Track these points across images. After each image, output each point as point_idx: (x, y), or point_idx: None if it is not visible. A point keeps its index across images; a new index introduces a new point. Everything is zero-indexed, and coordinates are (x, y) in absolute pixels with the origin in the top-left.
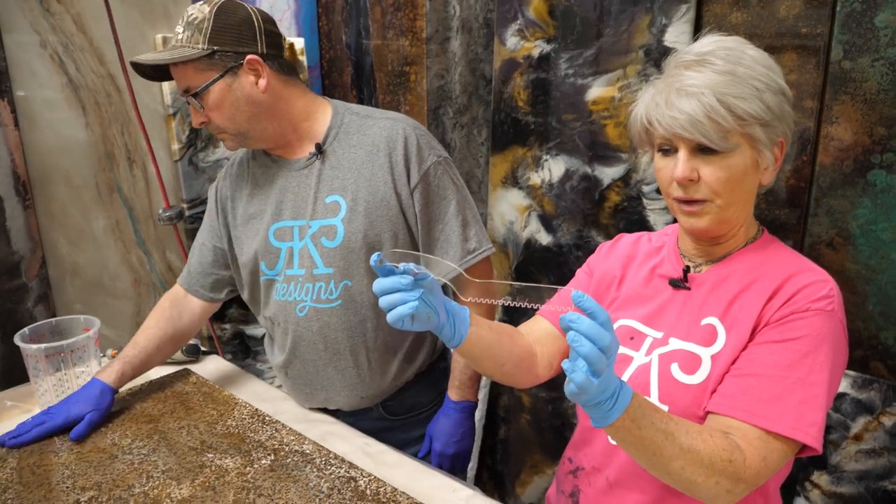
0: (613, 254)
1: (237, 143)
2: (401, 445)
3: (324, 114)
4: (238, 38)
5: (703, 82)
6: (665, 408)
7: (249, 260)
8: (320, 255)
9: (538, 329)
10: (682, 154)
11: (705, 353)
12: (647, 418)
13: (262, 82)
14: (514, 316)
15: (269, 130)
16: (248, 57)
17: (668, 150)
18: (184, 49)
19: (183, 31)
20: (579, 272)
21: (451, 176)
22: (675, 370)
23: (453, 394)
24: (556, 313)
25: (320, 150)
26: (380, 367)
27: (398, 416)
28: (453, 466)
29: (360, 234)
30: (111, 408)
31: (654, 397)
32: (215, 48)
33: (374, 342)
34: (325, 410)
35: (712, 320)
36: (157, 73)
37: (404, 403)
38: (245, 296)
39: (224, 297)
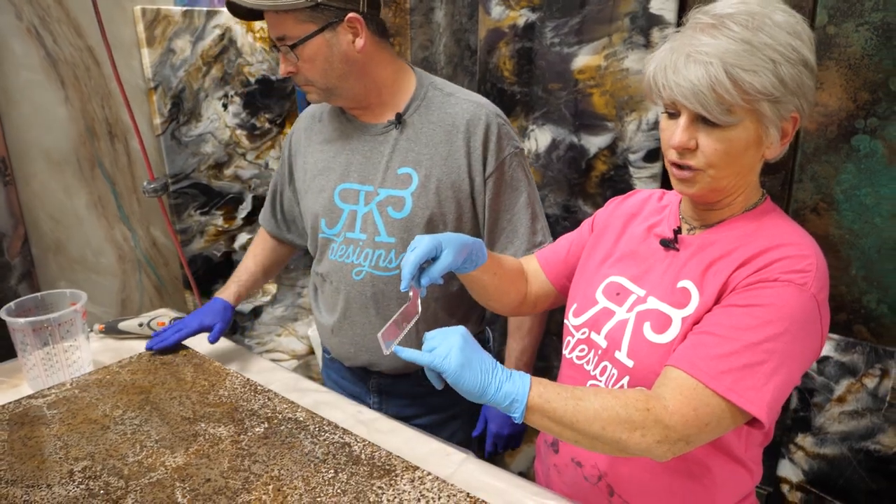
0: (620, 209)
1: (322, 97)
2: (431, 410)
3: (408, 83)
4: None
5: (715, 50)
6: (631, 363)
7: (312, 215)
8: (384, 224)
9: (530, 268)
10: (683, 121)
11: (677, 315)
12: (553, 391)
13: (360, 42)
14: None
15: (356, 90)
16: (350, 15)
17: (673, 113)
18: None
19: None
20: (584, 224)
21: (524, 168)
22: (647, 329)
23: None
24: (549, 261)
25: (400, 119)
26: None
27: None
28: (507, 445)
29: (427, 210)
30: (230, 323)
31: (623, 352)
32: (319, 1)
33: (424, 313)
34: (365, 370)
35: (687, 283)
36: (249, 13)
37: None
38: (309, 245)
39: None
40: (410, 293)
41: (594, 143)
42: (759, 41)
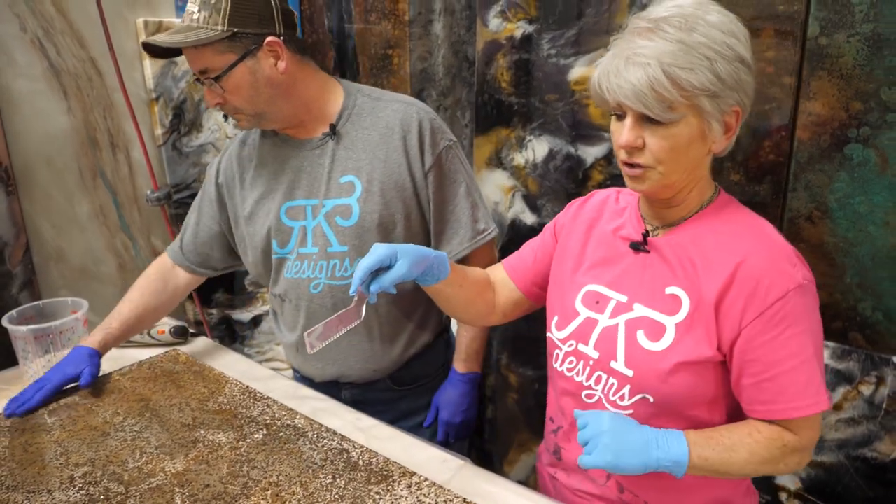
0: (581, 216)
1: (253, 123)
2: (406, 414)
3: (335, 94)
4: (258, 18)
5: (652, 52)
6: (630, 373)
7: (262, 239)
8: (335, 234)
9: (497, 278)
10: (628, 121)
11: (670, 322)
12: (708, 448)
13: (282, 64)
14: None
15: (285, 111)
16: (269, 39)
17: (620, 115)
18: (201, 30)
19: (199, 11)
20: (546, 229)
21: (460, 159)
22: (641, 337)
23: (459, 366)
24: (516, 269)
25: (334, 130)
26: (391, 339)
27: (405, 385)
28: (459, 434)
29: (375, 213)
30: (100, 369)
31: (620, 362)
32: (235, 30)
33: (386, 316)
34: (335, 383)
35: (677, 290)
36: (167, 51)
37: (411, 374)
38: (252, 273)
39: (209, 274)
40: (356, 298)
41: (591, 153)
42: (694, 41)
